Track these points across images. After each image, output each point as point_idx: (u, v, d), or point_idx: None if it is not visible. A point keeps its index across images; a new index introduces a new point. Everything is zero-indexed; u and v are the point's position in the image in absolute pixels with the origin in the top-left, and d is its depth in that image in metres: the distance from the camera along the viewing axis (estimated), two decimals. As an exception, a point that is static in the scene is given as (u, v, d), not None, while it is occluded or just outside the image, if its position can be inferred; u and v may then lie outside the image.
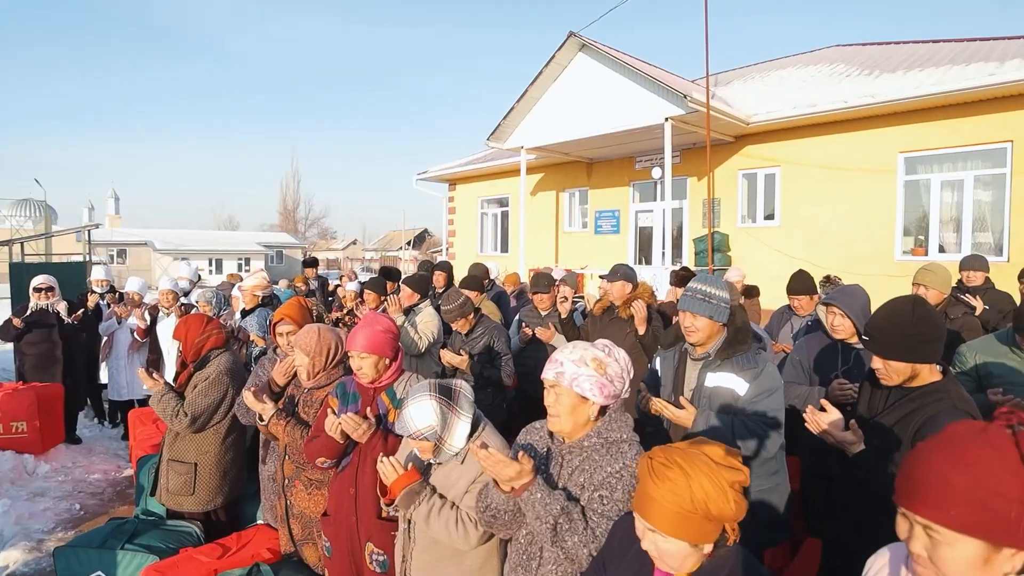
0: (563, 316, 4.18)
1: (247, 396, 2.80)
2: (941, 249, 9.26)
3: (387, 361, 2.53)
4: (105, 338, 6.11)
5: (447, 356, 3.83)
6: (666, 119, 9.85)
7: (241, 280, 8.30)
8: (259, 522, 3.37)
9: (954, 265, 4.73)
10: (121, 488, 4.99)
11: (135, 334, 5.91)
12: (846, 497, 2.20)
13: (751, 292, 6.32)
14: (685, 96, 9.35)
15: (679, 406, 2.50)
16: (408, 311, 4.75)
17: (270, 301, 5.11)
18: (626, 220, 13.19)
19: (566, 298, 4.18)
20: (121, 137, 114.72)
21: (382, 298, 5.36)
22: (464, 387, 2.19)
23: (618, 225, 13.32)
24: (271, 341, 3.44)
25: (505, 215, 16.22)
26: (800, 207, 10.44)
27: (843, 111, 9.35)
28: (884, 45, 12.53)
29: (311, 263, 8.64)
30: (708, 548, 1.31)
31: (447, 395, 2.09)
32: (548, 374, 1.80)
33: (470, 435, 2.11)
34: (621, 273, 3.98)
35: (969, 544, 0.90)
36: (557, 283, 5.27)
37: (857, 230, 9.76)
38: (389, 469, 2.07)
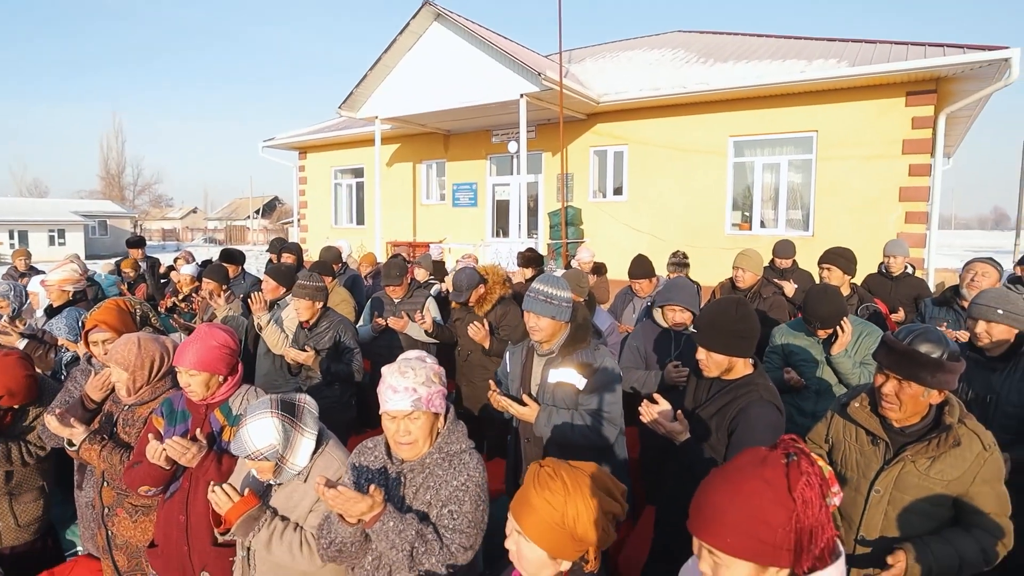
0: (429, 331, 4.20)
1: (50, 421, 2.46)
2: (762, 224, 10.38)
3: (220, 379, 2.34)
4: None
5: (291, 353, 3.63)
6: (521, 95, 9.98)
7: (27, 256, 7.13)
8: (79, 551, 3.03)
9: (771, 239, 5.33)
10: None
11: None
12: (674, 481, 2.41)
13: (599, 270, 6.67)
14: (540, 74, 9.50)
15: (523, 403, 2.60)
16: (272, 306, 4.40)
17: (84, 296, 4.48)
18: (484, 193, 13.28)
19: (424, 318, 4.18)
20: None
21: (224, 287, 4.95)
22: (308, 402, 2.09)
23: (476, 198, 13.38)
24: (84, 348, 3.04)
25: (360, 186, 15.63)
26: (645, 184, 11.14)
27: (682, 96, 10.04)
28: (718, 35, 13.57)
29: (136, 243, 7.51)
30: (566, 566, 1.37)
31: (290, 411, 1.99)
32: (404, 404, 1.73)
33: (314, 451, 2.04)
34: (466, 286, 3.99)
35: (743, 566, 1.05)
36: (410, 266, 5.19)
37: (694, 206, 10.63)
38: (223, 499, 1.92)
